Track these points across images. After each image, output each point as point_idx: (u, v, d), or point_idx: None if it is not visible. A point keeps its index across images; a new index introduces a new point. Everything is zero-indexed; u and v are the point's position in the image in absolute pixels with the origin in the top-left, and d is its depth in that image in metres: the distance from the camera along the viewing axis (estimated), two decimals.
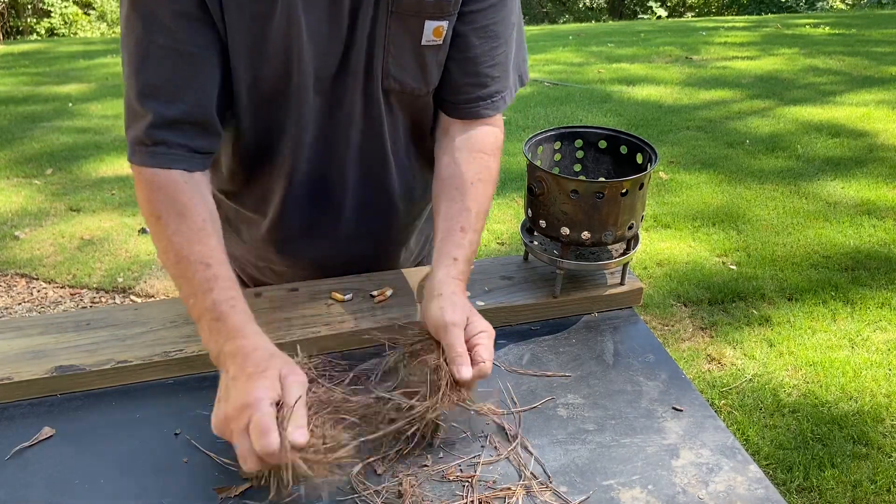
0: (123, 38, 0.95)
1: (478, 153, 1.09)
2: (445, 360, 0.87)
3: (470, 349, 0.87)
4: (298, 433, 0.74)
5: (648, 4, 18.91)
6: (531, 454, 0.88)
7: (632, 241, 1.15)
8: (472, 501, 0.80)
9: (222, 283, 0.89)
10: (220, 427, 0.79)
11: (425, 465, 0.86)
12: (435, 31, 1.02)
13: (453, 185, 1.06)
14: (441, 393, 0.83)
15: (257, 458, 0.74)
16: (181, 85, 0.95)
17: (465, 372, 0.84)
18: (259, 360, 0.80)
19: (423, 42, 1.02)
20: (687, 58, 7.83)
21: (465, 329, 0.89)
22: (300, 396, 0.77)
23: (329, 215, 1.18)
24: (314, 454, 0.76)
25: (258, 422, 0.73)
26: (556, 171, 1.18)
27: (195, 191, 0.97)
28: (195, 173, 0.99)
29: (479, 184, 1.06)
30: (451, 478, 0.84)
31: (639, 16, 18.73)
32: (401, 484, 0.82)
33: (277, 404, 0.76)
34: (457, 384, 0.85)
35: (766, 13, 15.55)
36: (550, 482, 0.84)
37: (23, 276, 3.44)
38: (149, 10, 0.91)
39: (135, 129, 0.97)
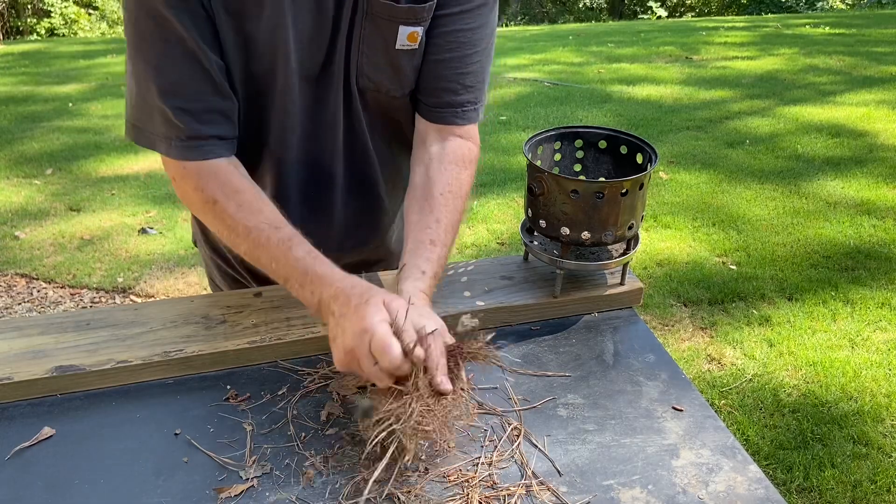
0: (131, 39, 0.97)
1: (450, 164, 1.09)
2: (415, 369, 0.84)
3: (452, 354, 0.87)
4: (418, 349, 0.82)
5: (648, 4, 18.90)
6: (531, 454, 0.88)
7: (632, 241, 1.15)
8: (472, 502, 0.80)
9: (297, 240, 0.96)
10: (344, 360, 0.85)
11: (425, 467, 0.86)
12: (410, 36, 1.03)
13: (423, 195, 1.06)
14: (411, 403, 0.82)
15: (386, 374, 0.82)
16: (196, 78, 0.97)
17: (446, 384, 0.83)
18: (361, 293, 0.87)
19: (398, 46, 1.03)
20: (687, 58, 7.83)
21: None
22: (406, 315, 0.84)
23: (319, 211, 1.19)
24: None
25: (378, 342, 0.81)
26: (556, 171, 1.18)
27: (239, 171, 1.03)
28: (232, 157, 1.04)
29: (448, 195, 1.06)
30: (451, 478, 0.84)
31: (639, 16, 18.73)
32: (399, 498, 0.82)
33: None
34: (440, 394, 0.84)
35: (766, 13, 15.55)
36: (550, 482, 0.84)
37: (23, 276, 3.44)
38: (154, 9, 0.92)
39: (163, 126, 0.99)
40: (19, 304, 3.22)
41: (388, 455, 0.81)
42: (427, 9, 1.02)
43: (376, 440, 0.80)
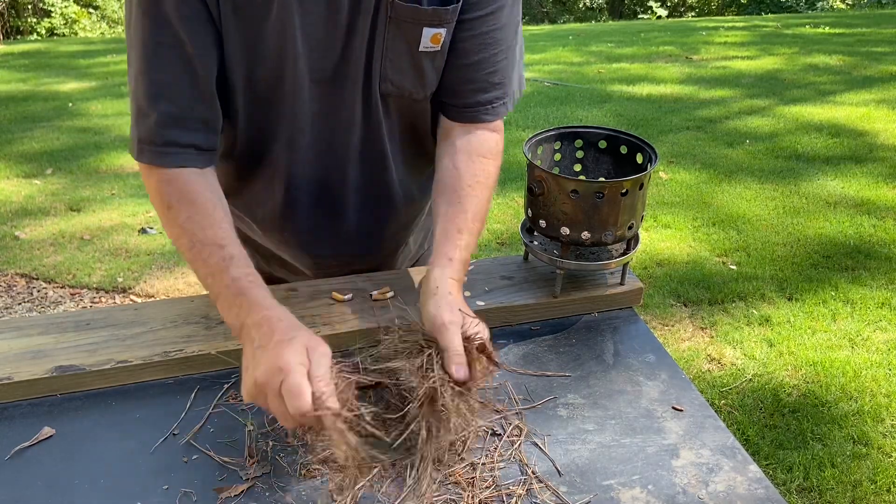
0: (129, 37, 0.97)
1: (477, 157, 1.09)
2: (440, 359, 0.86)
3: (467, 349, 0.87)
4: (331, 399, 0.77)
5: (648, 4, 18.91)
6: (531, 454, 0.88)
7: (632, 241, 1.15)
8: (473, 502, 0.80)
9: (237, 262, 0.92)
10: (252, 393, 0.81)
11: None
12: (433, 38, 1.02)
13: (452, 188, 1.06)
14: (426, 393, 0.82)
15: (293, 418, 0.77)
16: (187, 84, 0.96)
17: (461, 372, 0.84)
18: (285, 329, 0.83)
19: (421, 48, 1.03)
20: (687, 57, 7.83)
21: (461, 328, 0.89)
22: (326, 366, 0.80)
23: (331, 217, 1.18)
24: (345, 421, 0.78)
25: (290, 384, 0.76)
26: (556, 171, 1.18)
27: (204, 182, 1.00)
28: (204, 169, 1.02)
29: (476, 186, 1.06)
30: (451, 478, 0.84)
31: (639, 16, 18.73)
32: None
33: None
34: (457, 384, 0.85)
35: (766, 13, 15.55)
36: (550, 482, 0.84)
37: (23, 276, 3.44)
38: (155, 10, 0.92)
39: (142, 127, 0.98)
40: (19, 304, 3.22)
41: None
42: (452, 11, 1.01)
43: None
